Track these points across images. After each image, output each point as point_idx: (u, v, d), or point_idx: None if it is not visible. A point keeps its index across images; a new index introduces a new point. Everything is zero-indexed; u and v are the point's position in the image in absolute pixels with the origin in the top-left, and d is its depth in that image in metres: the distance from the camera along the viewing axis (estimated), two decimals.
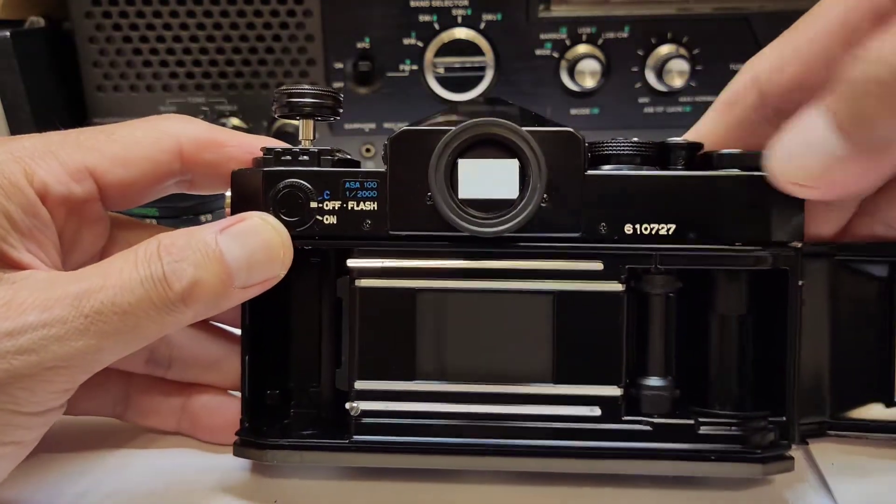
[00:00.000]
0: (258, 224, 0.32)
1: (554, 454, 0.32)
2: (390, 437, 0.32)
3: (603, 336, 0.32)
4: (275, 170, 0.33)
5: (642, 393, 0.33)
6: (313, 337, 0.35)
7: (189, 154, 0.35)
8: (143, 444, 0.37)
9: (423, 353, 0.33)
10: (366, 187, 0.33)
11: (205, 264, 0.30)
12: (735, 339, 0.34)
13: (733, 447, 0.32)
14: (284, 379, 0.35)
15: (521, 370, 0.33)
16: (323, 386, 0.35)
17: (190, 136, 0.35)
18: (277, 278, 0.32)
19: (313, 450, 0.32)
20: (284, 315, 0.35)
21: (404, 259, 0.33)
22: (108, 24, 0.64)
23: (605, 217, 0.32)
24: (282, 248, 0.32)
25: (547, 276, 0.33)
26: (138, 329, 0.29)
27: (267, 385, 0.35)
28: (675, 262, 0.33)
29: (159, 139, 0.34)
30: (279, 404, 0.35)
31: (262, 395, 0.35)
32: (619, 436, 0.32)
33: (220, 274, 0.30)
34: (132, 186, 0.34)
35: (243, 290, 0.31)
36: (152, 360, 0.37)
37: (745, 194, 0.32)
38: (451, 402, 0.32)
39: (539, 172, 0.32)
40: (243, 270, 0.31)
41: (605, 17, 0.66)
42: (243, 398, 0.34)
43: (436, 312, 0.33)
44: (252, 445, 0.33)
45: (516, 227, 0.32)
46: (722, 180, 0.32)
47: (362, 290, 0.33)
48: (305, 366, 0.35)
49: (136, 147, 0.34)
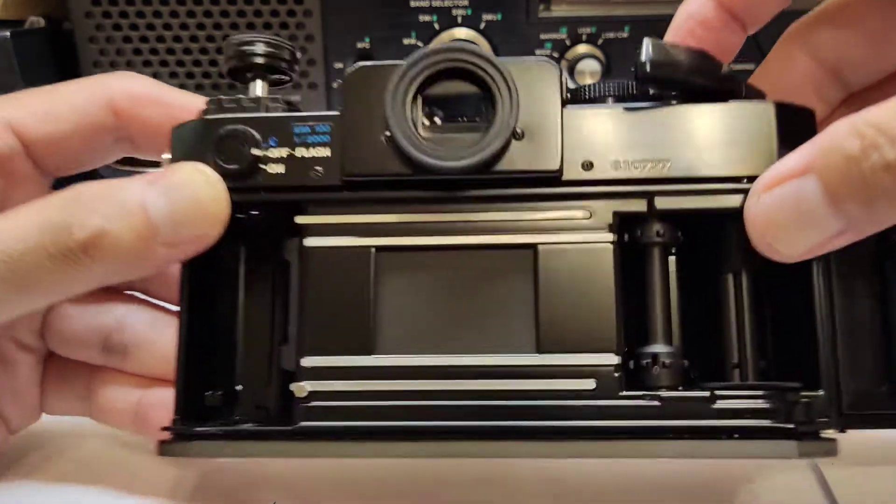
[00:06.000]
0: (188, 175, 0.25)
1: (541, 436, 0.24)
2: (345, 423, 0.24)
3: (592, 296, 0.24)
4: (216, 117, 0.26)
5: (643, 363, 0.24)
6: (262, 318, 0.27)
7: (123, 109, 0.29)
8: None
9: (384, 323, 0.25)
10: (317, 131, 0.25)
11: (117, 215, 0.24)
12: (752, 299, 0.26)
13: (760, 422, 0.23)
14: (230, 378, 0.27)
15: (498, 339, 0.25)
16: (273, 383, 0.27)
17: (124, 90, 0.29)
18: (209, 238, 0.25)
19: (250, 439, 0.24)
20: (232, 297, 0.27)
21: (361, 213, 0.25)
22: (108, 24, 0.60)
23: (588, 154, 0.25)
24: (213, 202, 0.25)
25: (525, 228, 0.25)
26: (30, 280, 0.23)
27: (210, 383, 0.27)
28: (673, 204, 0.25)
29: (90, 93, 0.29)
30: (222, 406, 0.27)
31: (200, 395, 0.27)
32: (619, 413, 0.24)
33: (136, 227, 0.24)
34: (61, 142, 0.28)
35: (169, 249, 0.24)
36: (107, 348, 0.30)
37: (755, 124, 0.25)
38: (416, 379, 0.24)
39: (511, 101, 0.24)
40: (168, 225, 0.24)
41: (605, 17, 0.60)
42: (176, 395, 0.26)
43: (398, 274, 0.25)
44: (178, 439, 0.25)
45: (485, 159, 0.24)
46: (728, 109, 0.25)
47: (313, 249, 0.25)
48: (253, 355, 0.27)
49: (63, 101, 0.29)
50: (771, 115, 0.25)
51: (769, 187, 0.23)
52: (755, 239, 0.24)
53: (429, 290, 0.25)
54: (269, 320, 0.27)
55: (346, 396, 0.24)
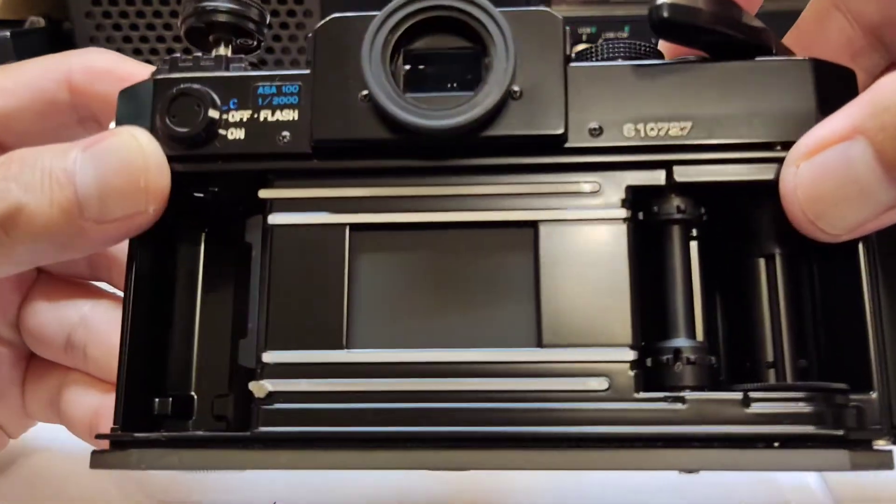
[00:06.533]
0: (121, 141, 0.21)
1: (544, 445, 0.20)
2: (312, 428, 0.20)
3: (603, 281, 0.21)
4: (169, 77, 0.23)
5: (664, 359, 0.20)
6: (222, 313, 0.23)
7: (80, 84, 0.26)
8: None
9: (359, 313, 0.21)
10: (284, 92, 0.22)
11: (41, 187, 0.21)
12: (788, 287, 0.22)
13: (803, 428, 0.19)
14: (184, 382, 0.23)
15: (493, 332, 0.21)
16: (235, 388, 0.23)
17: (84, 65, 0.26)
18: (145, 216, 0.22)
19: (198, 447, 0.20)
20: (188, 287, 0.24)
21: (333, 186, 0.22)
22: (108, 24, 0.59)
23: (596, 115, 0.21)
24: (148, 173, 0.21)
25: (524, 201, 0.21)
26: None
27: (160, 388, 0.23)
28: (695, 175, 0.21)
29: (47, 68, 0.27)
30: (174, 415, 0.23)
31: (148, 402, 0.23)
32: (636, 417, 0.20)
33: (58, 200, 0.21)
34: (14, 118, 0.26)
35: (100, 226, 0.21)
36: (69, 347, 0.27)
37: (790, 83, 0.21)
38: (396, 378, 0.20)
39: (507, 53, 0.20)
40: (94, 198, 0.21)
41: (605, 17, 0.59)
42: (117, 401, 0.22)
43: (376, 256, 0.21)
44: (115, 447, 0.21)
45: (478, 117, 0.20)
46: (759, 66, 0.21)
47: (279, 228, 0.22)
48: (212, 357, 0.23)
49: (16, 75, 0.26)
50: (808, 72, 0.21)
51: (809, 154, 0.20)
52: (794, 216, 0.20)
53: (411, 275, 0.21)
54: (230, 315, 0.24)
55: (313, 398, 0.20)
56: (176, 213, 0.22)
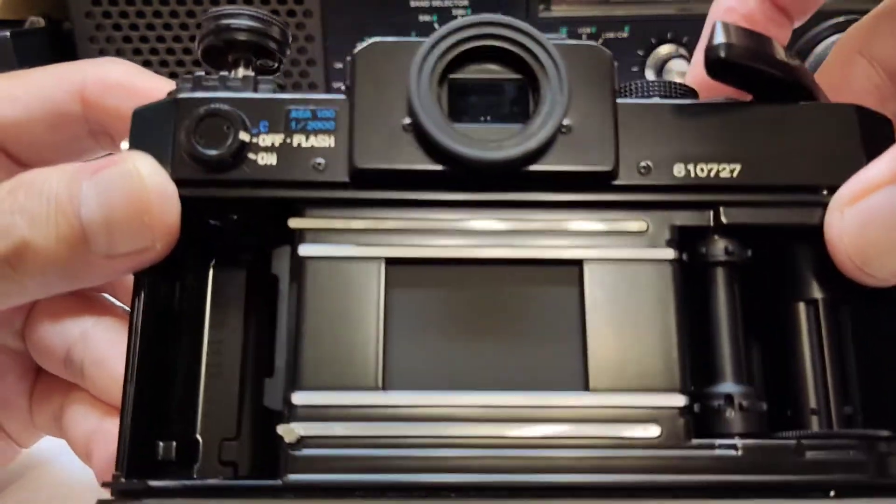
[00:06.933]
0: (127, 169, 0.20)
1: (594, 494, 0.19)
2: (346, 476, 0.19)
3: (650, 323, 0.20)
4: (193, 96, 0.21)
5: (715, 404, 0.20)
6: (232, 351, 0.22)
7: (93, 97, 0.25)
8: None
9: (396, 352, 0.20)
10: (319, 117, 0.21)
11: (46, 221, 0.20)
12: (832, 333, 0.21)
13: (854, 477, 0.19)
14: (189, 425, 0.22)
15: (537, 374, 0.20)
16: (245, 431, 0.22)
17: (98, 77, 0.25)
18: (153, 252, 0.20)
19: (224, 496, 0.19)
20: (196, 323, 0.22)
21: (369, 217, 0.21)
22: (108, 24, 0.57)
23: (646, 154, 0.20)
24: (147, 209, 0.20)
25: (569, 238, 0.20)
26: None
27: (164, 431, 0.21)
28: (742, 218, 0.20)
29: (60, 78, 0.25)
30: (176, 461, 0.21)
31: (151, 446, 0.21)
32: (689, 465, 0.19)
33: (67, 236, 0.20)
34: (24, 128, 0.25)
35: (109, 261, 0.20)
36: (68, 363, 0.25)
37: (836, 127, 0.21)
38: (435, 422, 0.19)
39: (560, 87, 0.19)
40: (101, 234, 0.20)
41: (605, 17, 0.58)
42: (120, 446, 0.19)
43: (413, 292, 0.20)
44: (124, 496, 0.19)
45: (531, 151, 0.19)
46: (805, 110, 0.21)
47: (310, 260, 0.20)
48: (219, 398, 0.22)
49: (27, 83, 0.25)
50: (853, 118, 0.21)
51: (854, 200, 0.20)
52: (840, 261, 0.20)
53: (450, 313, 0.20)
54: (240, 353, 0.22)
55: (348, 442, 0.19)
56: (187, 241, 0.21)
